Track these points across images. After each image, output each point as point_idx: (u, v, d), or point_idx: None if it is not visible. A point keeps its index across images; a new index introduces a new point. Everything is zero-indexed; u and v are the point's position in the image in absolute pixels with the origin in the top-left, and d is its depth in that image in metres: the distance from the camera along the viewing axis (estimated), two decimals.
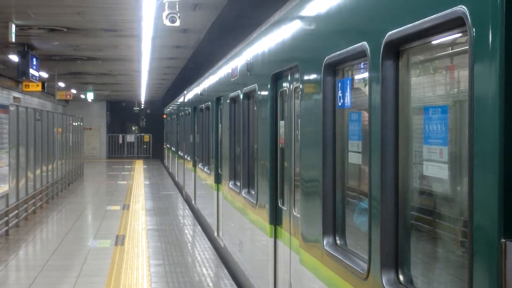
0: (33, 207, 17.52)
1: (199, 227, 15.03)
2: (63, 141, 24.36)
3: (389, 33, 3.56)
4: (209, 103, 13.75)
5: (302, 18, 5.83)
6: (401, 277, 3.64)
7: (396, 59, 3.63)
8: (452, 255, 3.27)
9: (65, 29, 16.71)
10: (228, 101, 10.49)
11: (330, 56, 4.73)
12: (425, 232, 3.63)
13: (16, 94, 31.04)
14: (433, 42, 3.34)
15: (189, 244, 13.00)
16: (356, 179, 4.75)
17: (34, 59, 19.01)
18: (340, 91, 4.76)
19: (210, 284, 9.66)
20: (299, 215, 5.93)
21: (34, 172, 17.94)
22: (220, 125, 12.20)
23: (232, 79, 10.28)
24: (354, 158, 4.54)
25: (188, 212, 17.86)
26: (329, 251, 4.73)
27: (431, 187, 3.53)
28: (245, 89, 8.91)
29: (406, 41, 3.49)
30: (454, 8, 2.84)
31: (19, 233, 14.56)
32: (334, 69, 4.83)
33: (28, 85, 23.57)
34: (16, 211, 15.23)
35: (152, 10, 13.58)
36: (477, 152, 2.74)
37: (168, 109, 34.16)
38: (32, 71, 18.66)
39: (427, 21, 3.11)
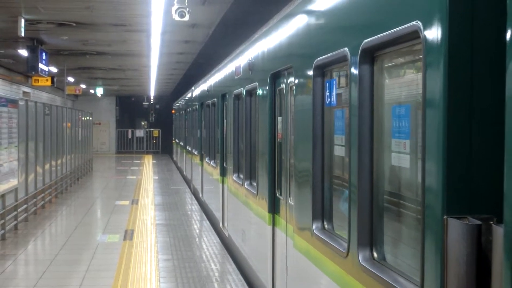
0: (42, 202, 17.57)
1: (207, 222, 15.05)
2: (72, 136, 24.40)
3: (365, 41, 4.05)
4: (215, 99, 14.23)
5: (295, 22, 6.31)
6: (375, 254, 4.14)
7: (371, 63, 4.12)
8: (413, 231, 3.70)
9: (74, 24, 16.72)
10: (232, 97, 10.98)
11: (319, 59, 5.24)
12: (394, 213, 4.12)
13: (26, 89, 31.12)
14: (400, 50, 3.83)
15: (198, 239, 13.00)
16: (341, 169, 5.18)
17: (44, 54, 19.04)
18: (327, 91, 5.28)
19: (219, 279, 9.65)
20: (293, 204, 6.43)
21: (43, 167, 17.98)
22: (225, 121, 12.64)
23: (236, 77, 10.79)
24: (339, 151, 5.04)
25: (196, 207, 17.87)
26: (318, 234, 5.27)
27: (397, 174, 4.05)
28: (247, 86, 9.39)
29: (378, 48, 3.97)
30: (412, 22, 3.32)
31: (28, 228, 14.60)
32: (323, 71, 5.34)
33: (38, 80, 23.61)
34: (25, 206, 15.27)
35: (161, 4, 13.57)
36: (427, 143, 3.21)
37: (177, 104, 34.31)
38: (41, 65, 18.69)
39: (393, 32, 3.60)
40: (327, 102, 5.28)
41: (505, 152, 2.50)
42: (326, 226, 5.33)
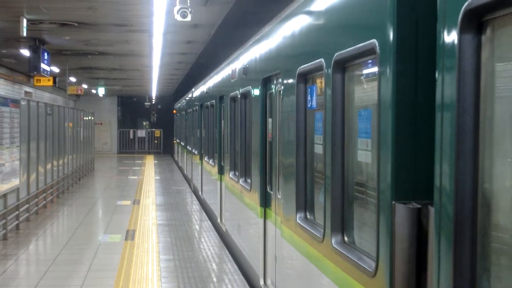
0: (44, 202, 17.58)
1: (208, 222, 15.07)
2: (74, 136, 24.42)
3: (336, 53, 4.70)
4: (214, 100, 14.98)
5: (282, 33, 7.01)
6: (346, 238, 4.78)
7: (342, 73, 4.77)
8: (373, 215, 4.15)
9: (76, 24, 16.73)
10: (229, 99, 11.70)
11: (301, 67, 5.91)
12: (361, 202, 4.71)
13: (28, 89, 31.14)
14: (364, 62, 4.47)
15: (199, 239, 13.01)
16: (320, 165, 5.73)
17: (46, 54, 19.05)
18: (309, 95, 5.96)
19: (220, 279, 9.65)
20: (281, 197, 7.13)
21: (45, 167, 17.99)
22: (222, 121, 13.36)
23: (232, 80, 11.47)
24: (318, 149, 5.66)
25: (197, 207, 17.88)
26: (301, 223, 5.97)
27: (362, 169, 4.66)
28: (242, 89, 10.12)
29: (348, 60, 4.64)
30: (370, 40, 4.01)
31: (29, 227, 14.61)
32: (305, 77, 6.00)
33: (40, 80, 23.60)
34: (26, 205, 15.28)
35: (163, 5, 13.57)
36: (381, 141, 3.85)
37: (178, 105, 34.51)
38: (43, 65, 18.70)
39: (357, 47, 4.27)
40: (309, 105, 5.98)
41: (435, 149, 3.12)
42: (308, 216, 6.01)
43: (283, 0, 9.17)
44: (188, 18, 11.72)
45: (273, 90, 7.81)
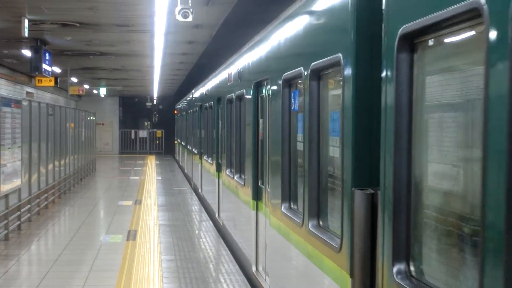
0: (45, 202, 17.59)
1: (210, 222, 15.09)
2: (75, 136, 24.41)
3: (312, 63, 5.51)
4: (212, 102, 15.76)
5: (271, 42, 7.77)
6: (321, 223, 5.57)
7: (318, 80, 5.57)
8: (340, 201, 4.79)
9: (77, 24, 16.74)
10: (226, 101, 12.53)
11: (286, 73, 6.68)
12: (332, 190, 5.40)
13: (29, 89, 31.15)
14: (333, 72, 5.23)
15: (201, 240, 13.01)
16: (301, 161, 6.34)
17: (47, 54, 19.06)
18: (293, 99, 6.72)
19: (222, 280, 9.66)
20: (269, 190, 7.88)
21: (47, 167, 17.99)
22: (220, 122, 14.17)
23: (228, 83, 12.28)
24: (300, 146, 6.34)
25: (199, 207, 17.88)
26: (285, 212, 6.73)
27: (333, 161, 5.36)
28: (237, 92, 10.91)
29: (322, 70, 5.44)
30: (336, 54, 4.83)
31: (31, 228, 14.61)
32: (289, 83, 6.77)
33: (41, 80, 23.64)
34: (28, 206, 15.28)
35: (164, 5, 13.58)
36: (344, 138, 4.65)
37: (179, 105, 34.67)
38: (45, 66, 18.71)
39: (328, 59, 5.07)
40: (292, 107, 6.72)
41: (380, 145, 3.81)
42: (291, 206, 6.77)
43: (284, 0, 9.17)
44: (190, 19, 11.73)
45: (264, 94, 8.60)
